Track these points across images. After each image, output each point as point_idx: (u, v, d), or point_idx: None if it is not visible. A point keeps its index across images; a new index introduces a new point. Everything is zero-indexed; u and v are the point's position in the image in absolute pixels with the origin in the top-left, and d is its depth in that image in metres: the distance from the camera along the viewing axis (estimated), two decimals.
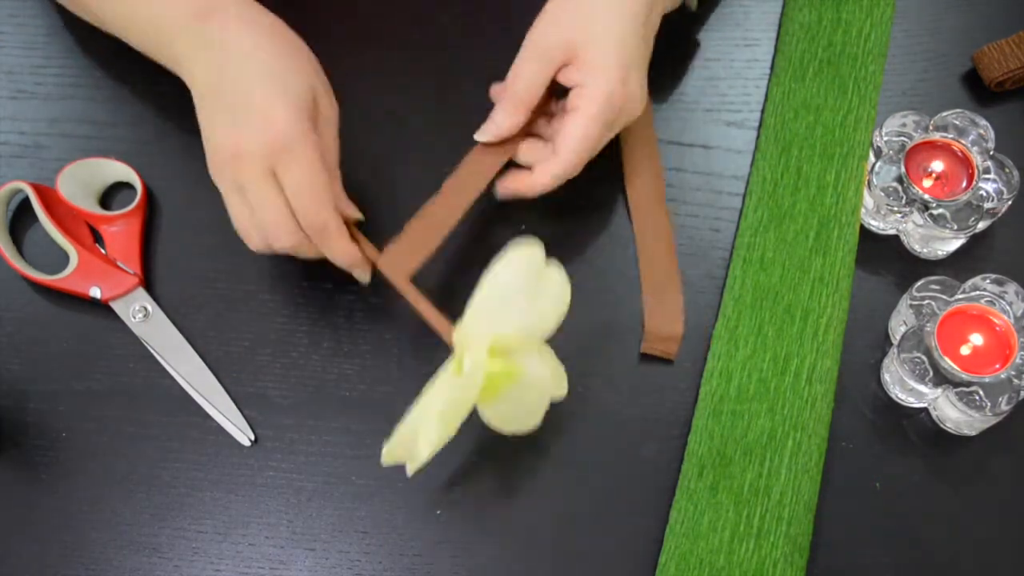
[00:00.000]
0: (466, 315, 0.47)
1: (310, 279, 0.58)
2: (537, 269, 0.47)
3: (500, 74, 0.55)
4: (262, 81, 0.50)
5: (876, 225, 0.58)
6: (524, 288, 0.47)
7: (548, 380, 0.51)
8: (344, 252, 0.52)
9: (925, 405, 0.54)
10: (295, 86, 0.50)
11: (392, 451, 0.48)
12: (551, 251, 0.58)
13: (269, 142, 0.49)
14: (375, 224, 0.59)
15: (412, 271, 0.53)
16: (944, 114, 0.57)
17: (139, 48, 0.56)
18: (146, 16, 0.54)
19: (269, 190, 0.50)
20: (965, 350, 0.51)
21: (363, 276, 0.54)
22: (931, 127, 0.56)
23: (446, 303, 0.57)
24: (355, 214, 0.55)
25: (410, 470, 0.49)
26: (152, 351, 0.56)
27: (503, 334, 0.48)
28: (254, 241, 0.52)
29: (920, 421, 0.54)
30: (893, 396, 0.54)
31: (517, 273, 0.46)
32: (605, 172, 0.60)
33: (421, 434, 0.47)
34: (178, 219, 0.60)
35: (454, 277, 0.58)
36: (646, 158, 0.60)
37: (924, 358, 0.52)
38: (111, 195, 0.61)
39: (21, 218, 0.60)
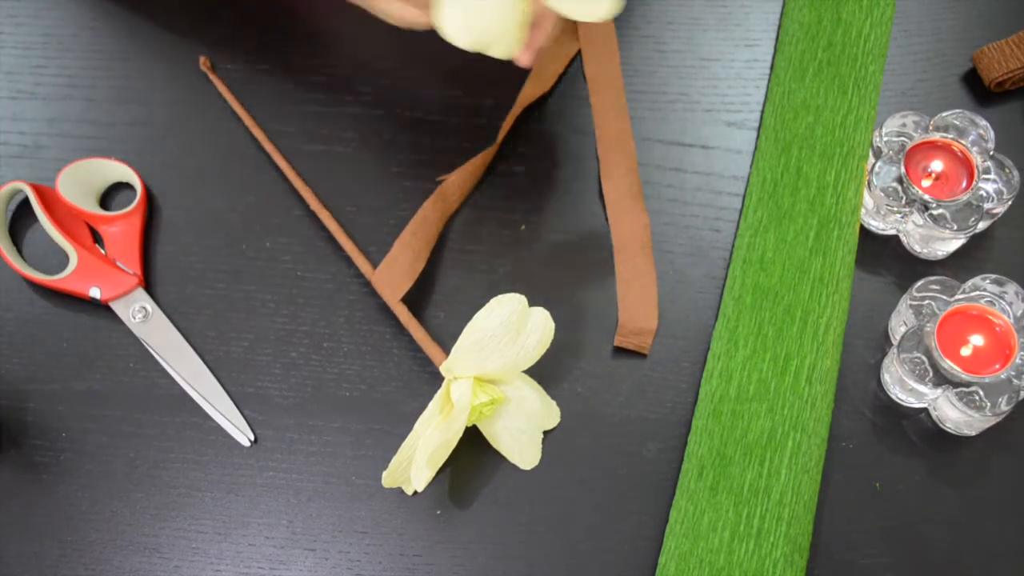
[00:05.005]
0: (451, 356, 0.49)
1: (310, 279, 0.58)
2: (519, 317, 0.48)
3: (502, 74, 0.55)
4: None
5: (876, 225, 0.58)
6: (506, 335, 0.48)
7: (535, 404, 0.52)
8: None
9: (925, 405, 0.54)
10: None
11: (391, 477, 0.50)
12: (550, 260, 0.58)
13: None
14: (374, 229, 0.59)
15: (404, 291, 0.55)
16: (944, 114, 0.57)
17: None
18: None
19: None
20: (965, 350, 0.51)
21: None
22: (931, 127, 0.56)
23: (444, 305, 0.57)
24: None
25: (408, 491, 0.52)
26: (152, 351, 0.56)
27: (486, 373, 0.50)
28: None
29: (920, 421, 0.54)
30: (893, 396, 0.54)
31: (500, 321, 0.48)
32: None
33: (414, 471, 0.49)
34: (178, 219, 0.60)
35: (453, 279, 0.58)
36: (621, 153, 0.60)
37: (924, 358, 0.52)
38: (111, 195, 0.61)
39: (21, 218, 0.60)
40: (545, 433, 0.54)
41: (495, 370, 0.50)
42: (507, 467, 0.53)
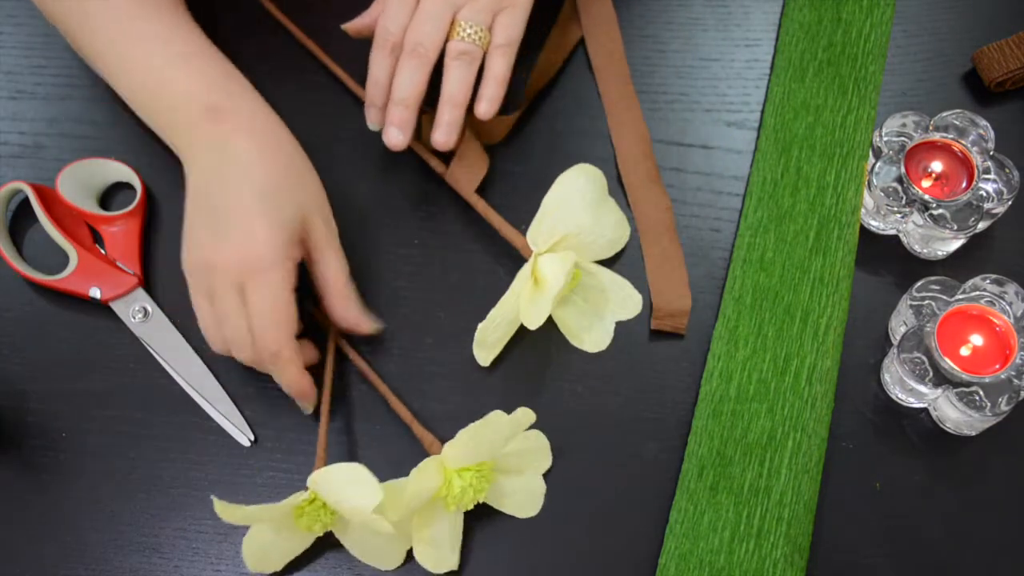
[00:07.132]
0: (539, 213, 0.50)
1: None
2: (602, 186, 0.51)
3: None
4: (252, 198, 0.49)
5: (876, 225, 0.58)
6: (591, 196, 0.51)
7: (612, 289, 0.54)
8: (291, 382, 0.51)
9: (925, 405, 0.54)
10: (285, 208, 0.50)
11: (481, 337, 0.52)
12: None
13: (243, 260, 0.49)
14: (374, 231, 0.59)
15: (478, 182, 0.57)
16: (944, 114, 0.57)
17: (147, 119, 0.55)
18: (164, 101, 0.54)
19: (235, 306, 0.49)
20: (965, 350, 0.51)
21: (306, 407, 0.53)
22: (931, 127, 0.56)
23: (447, 305, 0.57)
24: (366, 328, 0.53)
25: (486, 361, 0.54)
26: (152, 351, 0.56)
27: (570, 235, 0.51)
28: (217, 345, 0.51)
29: (920, 421, 0.54)
30: (893, 396, 0.54)
31: (587, 180, 0.51)
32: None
33: (527, 315, 0.51)
34: (178, 219, 0.59)
35: (453, 278, 0.58)
36: (635, 138, 0.61)
37: (924, 358, 0.52)
38: (111, 195, 0.61)
39: (21, 218, 0.60)
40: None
41: (579, 232, 0.50)
42: None
